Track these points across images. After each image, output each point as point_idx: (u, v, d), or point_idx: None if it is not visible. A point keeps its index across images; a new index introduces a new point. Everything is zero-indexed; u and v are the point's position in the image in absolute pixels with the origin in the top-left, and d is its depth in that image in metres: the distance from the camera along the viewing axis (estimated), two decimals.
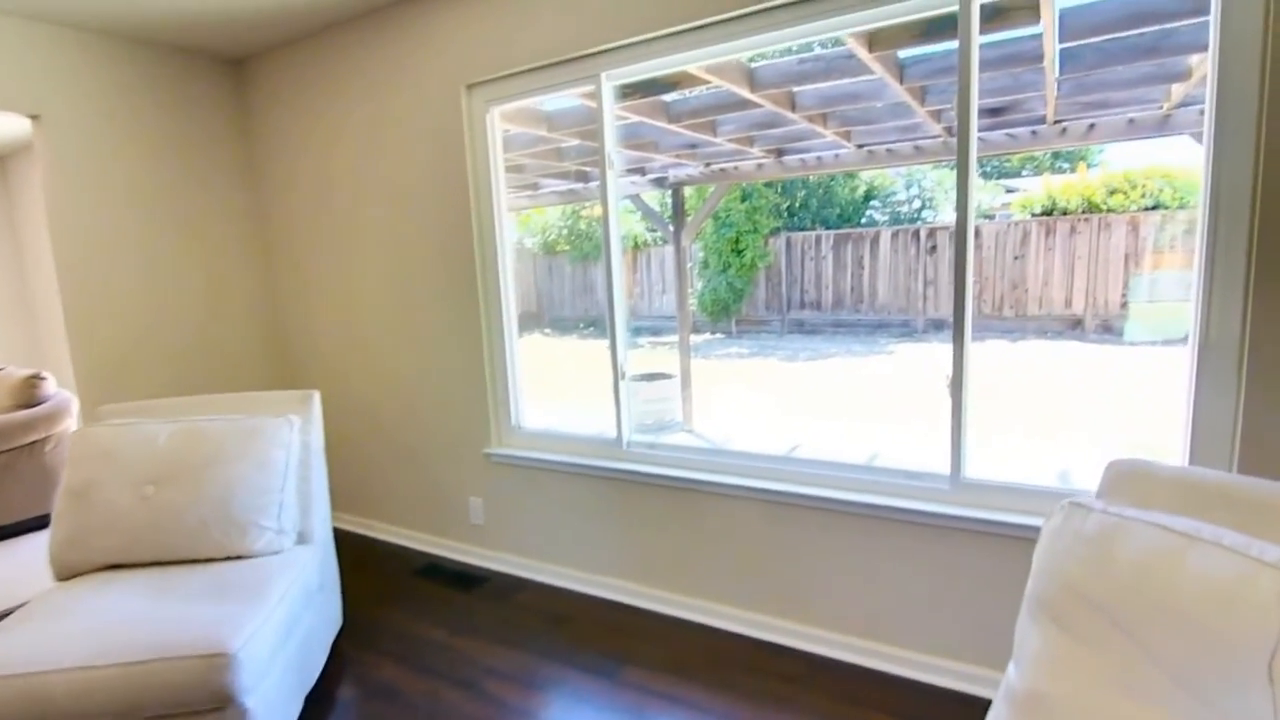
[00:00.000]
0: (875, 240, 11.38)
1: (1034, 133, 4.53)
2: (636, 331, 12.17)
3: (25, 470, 3.69)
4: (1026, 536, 1.94)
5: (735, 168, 5.49)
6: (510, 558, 3.05)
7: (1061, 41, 2.78)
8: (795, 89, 3.73)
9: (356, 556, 3.31)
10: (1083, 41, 2.97)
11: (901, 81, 3.22)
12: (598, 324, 13.29)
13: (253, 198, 3.63)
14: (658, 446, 2.66)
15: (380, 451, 3.44)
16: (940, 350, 9.69)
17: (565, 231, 13.00)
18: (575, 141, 4.50)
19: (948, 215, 12.15)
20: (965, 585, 2.07)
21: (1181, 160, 10.17)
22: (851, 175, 12.81)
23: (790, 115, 3.87)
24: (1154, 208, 10.11)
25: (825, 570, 2.30)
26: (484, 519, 3.11)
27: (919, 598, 2.15)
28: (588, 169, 5.68)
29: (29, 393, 3.86)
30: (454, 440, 3.14)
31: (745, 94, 3.25)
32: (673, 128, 3.97)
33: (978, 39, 1.95)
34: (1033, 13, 2.43)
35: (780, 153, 5.25)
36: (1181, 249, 9.53)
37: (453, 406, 3.11)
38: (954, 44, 2.80)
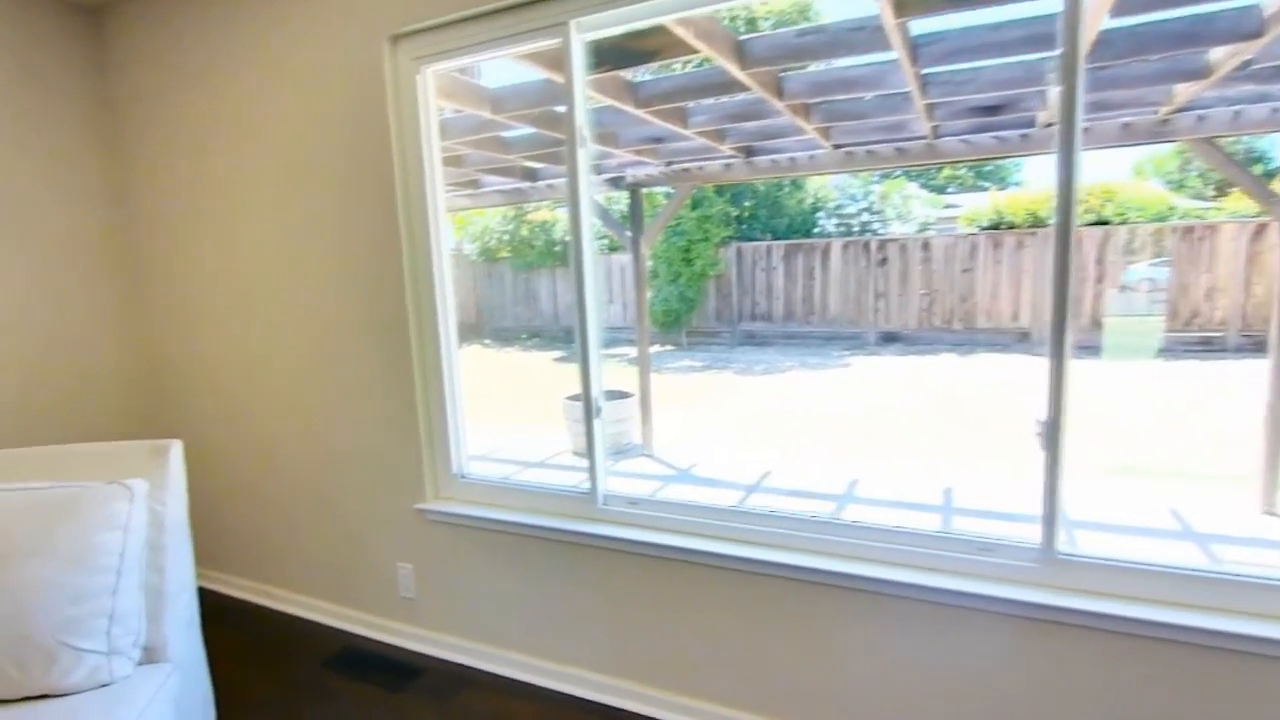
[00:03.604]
0: (826, 252, 11.16)
1: (1024, 136, 4.21)
2: None
3: None
4: (1151, 635, 1.46)
5: (700, 167, 4.99)
6: (451, 640, 2.41)
7: (1112, 17, 2.38)
8: (783, 74, 3.26)
9: (249, 638, 2.60)
10: (1124, 21, 2.60)
11: (914, 64, 2.77)
12: (540, 334, 12.63)
13: (111, 189, 2.87)
14: (642, 503, 2.09)
15: (284, 500, 2.73)
16: (897, 364, 9.48)
17: (507, 237, 12.27)
18: (526, 130, 3.89)
19: (896, 228, 12.07)
20: (1064, 698, 1.57)
21: (1122, 177, 10.34)
22: (799, 186, 12.62)
23: (775, 103, 3.37)
24: (1098, 223, 10.20)
25: (872, 671, 1.77)
26: (416, 591, 2.46)
27: (1002, 714, 1.64)
28: (537, 165, 5.08)
29: None
30: (377, 491, 2.48)
31: (733, 69, 2.74)
32: (640, 113, 3.42)
33: None
34: None
35: (750, 151, 4.78)
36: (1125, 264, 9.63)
37: (376, 449, 2.45)
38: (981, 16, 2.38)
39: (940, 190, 15.12)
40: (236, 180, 2.56)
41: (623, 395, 5.85)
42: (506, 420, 7.01)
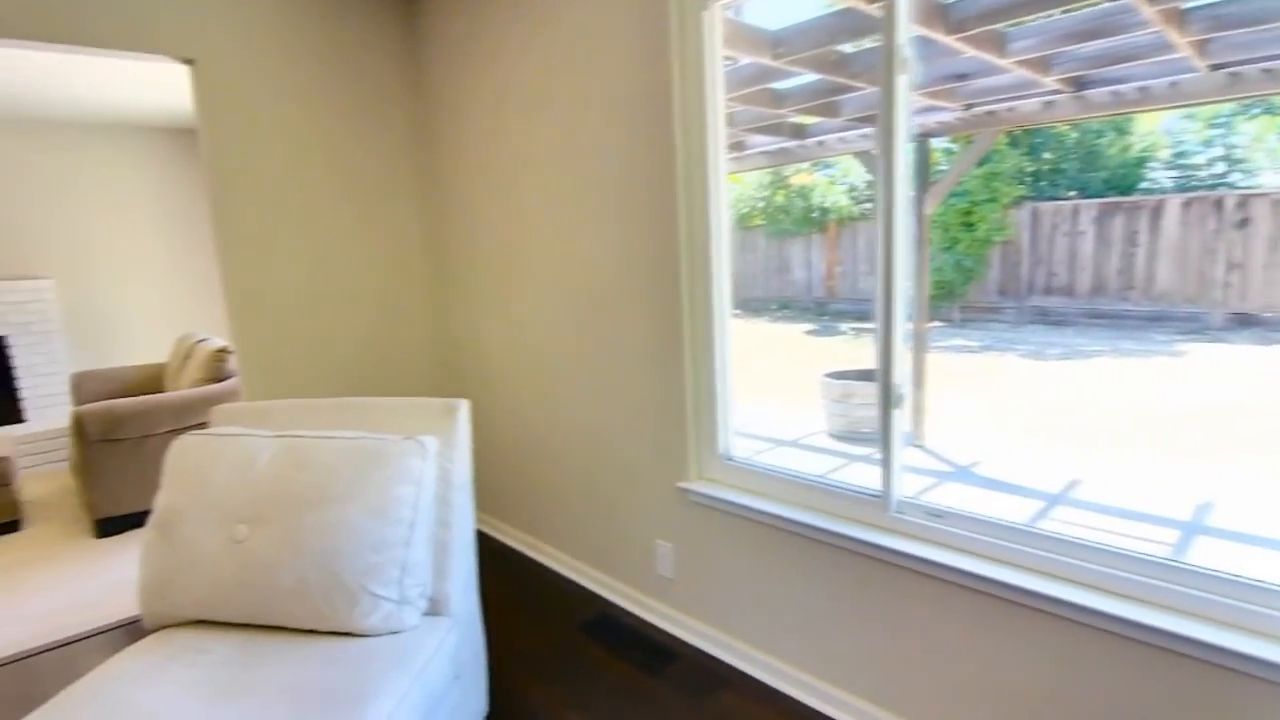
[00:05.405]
0: (1157, 211, 9.00)
1: None
2: (837, 315, 10.88)
3: None
4: None
5: (1010, 109, 4.16)
6: (708, 630, 2.25)
7: None
8: None
9: (516, 588, 2.72)
10: None
11: None
12: (791, 306, 12.17)
13: (422, 177, 3.12)
14: (949, 517, 1.69)
15: (552, 464, 2.80)
16: (1255, 355, 7.41)
17: (761, 204, 11.93)
18: (803, 79, 3.53)
19: (1267, 179, 9.33)
20: None
21: None
22: (1123, 131, 10.35)
23: (1141, 10, 2.59)
24: None
25: None
26: (674, 571, 2.34)
27: None
28: (809, 120, 4.66)
29: (217, 366, 3.75)
30: (640, 465, 2.39)
31: None
32: (949, 41, 2.85)
33: None
34: None
35: (1081, 84, 3.85)
36: None
37: (640, 421, 2.35)
38: None
39: None
40: (523, 154, 2.61)
41: None
42: (756, 394, 6.79)
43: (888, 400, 1.73)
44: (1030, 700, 1.53)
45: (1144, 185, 10.04)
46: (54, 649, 2.46)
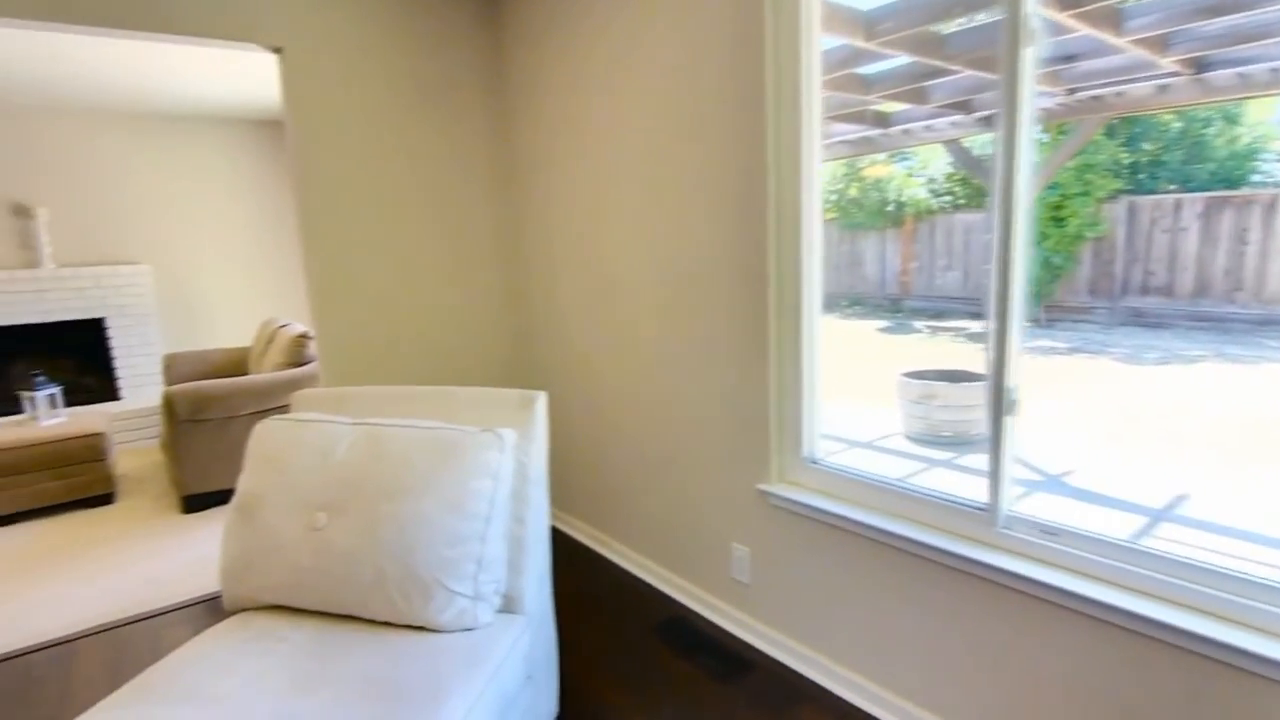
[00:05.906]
0: (1271, 206, 8.28)
1: None
2: (912, 312, 10.47)
3: None
4: None
5: (1119, 94, 3.85)
6: (785, 640, 2.14)
7: None
8: None
9: (587, 586, 2.66)
10: None
11: None
12: (863, 302, 11.80)
13: (499, 172, 3.09)
14: (1063, 534, 1.53)
15: (627, 461, 2.74)
16: None
17: (834, 197, 11.59)
18: (894, 62, 3.34)
19: None
20: None
21: None
22: (1233, 121, 9.57)
23: None
24: None
25: None
26: (750, 576, 2.24)
27: None
28: (894, 106, 4.44)
29: (298, 351, 3.84)
30: (719, 465, 2.29)
31: None
32: (1061, 18, 2.63)
33: None
34: None
35: (1202, 65, 3.52)
36: None
37: (721, 420, 2.26)
38: None
39: None
40: (604, 143, 2.54)
41: (971, 377, 4.98)
42: (828, 391, 6.57)
43: (1000, 406, 1.58)
44: None
45: (1256, 178, 9.24)
46: (142, 620, 2.55)
